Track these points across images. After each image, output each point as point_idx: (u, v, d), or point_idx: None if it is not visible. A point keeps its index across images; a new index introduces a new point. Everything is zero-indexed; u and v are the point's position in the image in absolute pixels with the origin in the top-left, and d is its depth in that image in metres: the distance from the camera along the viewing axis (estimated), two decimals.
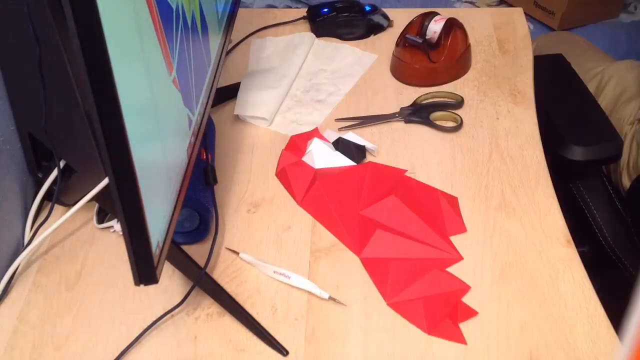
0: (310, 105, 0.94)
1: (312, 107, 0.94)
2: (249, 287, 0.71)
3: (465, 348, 0.64)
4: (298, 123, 0.91)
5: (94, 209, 0.78)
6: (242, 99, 0.93)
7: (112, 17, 0.43)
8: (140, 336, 0.66)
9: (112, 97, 0.44)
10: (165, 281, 0.72)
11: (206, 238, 0.76)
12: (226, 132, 0.90)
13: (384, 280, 0.69)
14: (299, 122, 0.91)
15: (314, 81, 0.98)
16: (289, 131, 0.90)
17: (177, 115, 0.62)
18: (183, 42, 0.63)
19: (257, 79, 0.96)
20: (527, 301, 0.68)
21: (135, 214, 0.50)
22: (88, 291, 0.71)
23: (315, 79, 0.99)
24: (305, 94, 0.96)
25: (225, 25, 0.86)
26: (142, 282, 0.54)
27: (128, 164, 0.47)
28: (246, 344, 0.66)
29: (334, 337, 0.66)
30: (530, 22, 1.53)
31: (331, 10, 1.07)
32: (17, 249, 0.75)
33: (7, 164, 0.74)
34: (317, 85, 0.98)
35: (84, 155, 0.69)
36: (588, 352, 0.63)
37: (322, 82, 0.98)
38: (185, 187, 0.64)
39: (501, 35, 1.06)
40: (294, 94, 0.96)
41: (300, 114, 0.93)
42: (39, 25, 0.61)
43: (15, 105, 0.73)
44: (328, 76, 0.99)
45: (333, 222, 0.76)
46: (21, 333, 0.68)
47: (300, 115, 0.93)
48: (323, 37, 1.07)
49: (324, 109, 0.93)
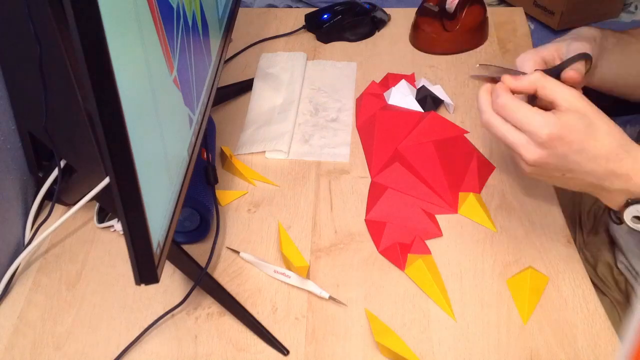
0: (327, 126, 0.90)
1: (330, 128, 0.90)
2: (249, 286, 0.71)
3: (466, 348, 0.64)
4: (329, 147, 0.87)
5: (95, 209, 0.78)
6: (251, 136, 0.89)
7: (113, 17, 0.43)
8: (140, 336, 0.66)
9: (113, 97, 0.44)
10: (166, 281, 0.72)
11: (206, 238, 0.76)
12: (226, 132, 0.90)
13: (379, 235, 0.75)
14: (329, 146, 0.87)
15: (315, 101, 0.94)
16: (322, 157, 0.86)
17: (177, 115, 0.62)
18: (184, 41, 0.63)
19: (261, 112, 0.93)
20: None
21: (136, 213, 0.50)
22: (88, 291, 0.71)
23: (315, 99, 0.95)
24: (314, 116, 0.92)
25: (225, 24, 0.86)
26: (142, 282, 0.54)
27: (129, 163, 0.47)
28: (246, 344, 0.66)
29: (335, 336, 0.66)
30: (530, 22, 1.53)
31: (332, 15, 1.06)
32: (17, 249, 0.75)
33: (8, 164, 0.74)
34: (320, 105, 0.94)
35: (84, 154, 0.69)
36: (588, 352, 0.63)
37: (324, 100, 0.95)
38: (185, 187, 0.64)
39: (502, 35, 1.06)
40: (306, 120, 0.91)
41: (325, 137, 0.88)
42: (40, 25, 0.61)
43: (15, 104, 0.73)
44: (325, 93, 0.96)
45: (369, 149, 0.85)
46: (21, 332, 0.68)
47: (325, 139, 0.88)
48: (329, 42, 1.06)
49: (343, 126, 0.90)
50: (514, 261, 0.71)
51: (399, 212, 0.77)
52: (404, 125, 0.83)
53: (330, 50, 1.05)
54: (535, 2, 2.06)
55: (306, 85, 0.97)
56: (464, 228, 0.75)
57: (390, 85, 0.92)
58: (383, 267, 0.72)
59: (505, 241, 0.74)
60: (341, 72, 1.00)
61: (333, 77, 0.99)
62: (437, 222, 0.76)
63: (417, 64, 1.00)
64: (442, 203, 0.77)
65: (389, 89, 0.91)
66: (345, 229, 0.76)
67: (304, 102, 0.94)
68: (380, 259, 0.73)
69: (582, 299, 0.68)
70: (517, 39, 1.05)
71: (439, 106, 0.91)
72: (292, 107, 0.92)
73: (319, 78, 0.99)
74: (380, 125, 0.85)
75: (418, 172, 0.78)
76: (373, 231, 0.76)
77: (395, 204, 0.77)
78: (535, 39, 1.07)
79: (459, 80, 0.97)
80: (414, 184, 0.78)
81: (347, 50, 1.05)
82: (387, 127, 0.85)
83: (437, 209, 0.77)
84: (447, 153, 0.80)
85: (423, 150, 0.79)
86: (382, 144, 0.83)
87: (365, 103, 0.92)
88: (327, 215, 0.78)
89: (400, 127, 0.83)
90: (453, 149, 0.81)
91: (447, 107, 0.91)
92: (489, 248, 0.73)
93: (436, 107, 0.90)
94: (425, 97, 0.89)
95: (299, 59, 1.01)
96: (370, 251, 0.74)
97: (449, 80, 0.97)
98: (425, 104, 0.89)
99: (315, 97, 0.95)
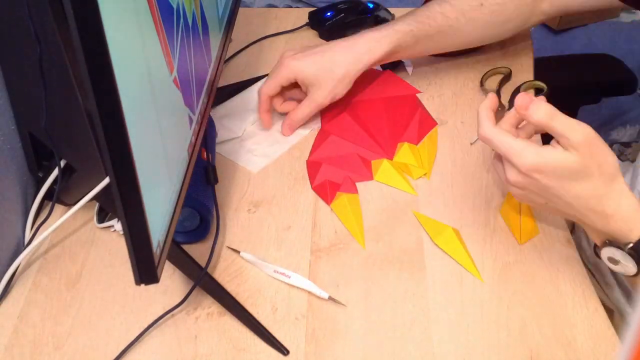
0: (272, 134, 0.88)
1: (272, 136, 0.88)
2: (249, 286, 0.71)
3: (466, 347, 0.64)
4: (253, 153, 0.86)
5: (95, 209, 0.78)
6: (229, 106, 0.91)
7: (113, 16, 0.43)
8: (140, 335, 0.66)
9: (113, 97, 0.44)
10: (166, 281, 0.72)
11: (206, 238, 0.76)
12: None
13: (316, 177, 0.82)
14: (254, 153, 0.86)
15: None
16: (238, 160, 0.85)
17: (177, 115, 0.62)
18: (184, 41, 0.63)
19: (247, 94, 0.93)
20: (527, 301, 0.68)
21: (136, 213, 0.50)
22: (88, 291, 0.71)
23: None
24: (275, 121, 0.90)
25: (225, 24, 0.86)
26: (142, 282, 0.54)
27: (129, 163, 0.47)
28: (246, 344, 0.66)
29: (335, 336, 0.66)
30: None
31: (335, 12, 1.07)
32: (17, 249, 0.75)
33: (8, 164, 0.74)
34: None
35: (84, 154, 0.69)
36: (588, 352, 0.63)
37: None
38: (186, 187, 0.64)
39: None
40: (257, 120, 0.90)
41: (259, 144, 0.87)
42: (40, 24, 0.61)
43: (15, 104, 0.73)
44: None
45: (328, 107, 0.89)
46: (21, 332, 0.68)
47: (258, 145, 0.87)
48: (331, 40, 1.06)
49: (285, 142, 0.87)
50: (514, 261, 0.71)
51: (337, 155, 0.84)
52: (360, 82, 0.87)
53: None
54: None
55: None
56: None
57: None
58: (383, 267, 0.72)
59: (505, 241, 0.74)
60: None
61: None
62: (370, 167, 0.83)
63: (417, 63, 1.00)
64: (379, 150, 0.85)
65: None
66: (345, 229, 0.76)
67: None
68: (380, 259, 0.73)
69: (582, 299, 0.68)
70: (517, 39, 1.05)
71: (397, 67, 0.97)
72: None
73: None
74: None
75: (364, 123, 0.86)
76: (310, 171, 0.83)
77: (335, 148, 0.85)
78: (535, 39, 1.06)
79: (459, 80, 0.97)
80: (357, 132, 0.86)
81: None
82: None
83: (373, 155, 0.84)
84: (394, 108, 0.87)
85: (372, 104, 0.86)
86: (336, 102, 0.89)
87: None
88: (327, 215, 0.78)
89: (357, 83, 0.87)
90: (400, 104, 0.88)
91: (407, 69, 0.98)
92: (489, 248, 0.73)
93: (394, 67, 0.97)
94: None
95: None
96: (370, 251, 0.74)
97: (449, 81, 0.97)
98: (385, 64, 0.94)
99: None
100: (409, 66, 0.98)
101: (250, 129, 0.90)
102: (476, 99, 0.94)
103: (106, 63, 0.42)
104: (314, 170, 0.83)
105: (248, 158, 0.86)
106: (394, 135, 0.86)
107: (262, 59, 1.03)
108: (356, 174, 0.82)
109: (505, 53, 1.02)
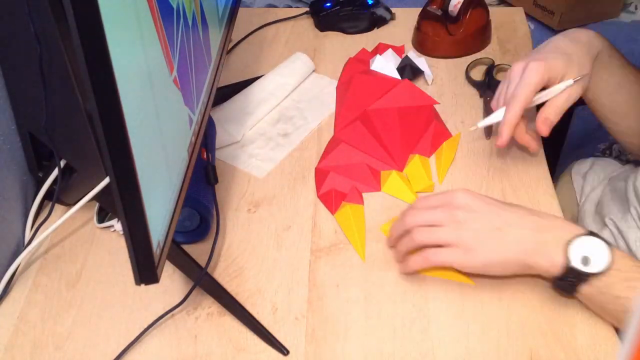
0: (272, 139, 0.89)
1: (274, 141, 0.88)
2: (249, 286, 0.71)
3: (466, 347, 0.64)
4: (257, 158, 0.86)
5: (95, 209, 0.78)
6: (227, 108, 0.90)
7: (113, 16, 0.43)
8: (140, 335, 0.66)
9: (113, 97, 0.44)
10: (166, 281, 0.72)
11: (206, 238, 0.76)
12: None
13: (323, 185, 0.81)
14: (257, 157, 0.86)
15: (283, 113, 0.93)
16: (242, 165, 0.85)
17: (177, 115, 0.62)
18: (184, 41, 0.63)
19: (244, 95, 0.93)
20: (527, 301, 0.68)
21: (136, 213, 0.50)
22: (88, 291, 0.71)
23: (287, 111, 0.93)
24: (272, 126, 0.91)
25: (225, 24, 0.86)
26: (142, 282, 0.54)
27: (129, 163, 0.47)
28: (246, 344, 0.66)
29: (334, 336, 0.66)
30: (530, 22, 1.53)
31: (334, 4, 1.08)
32: (17, 249, 0.75)
33: (8, 164, 0.74)
34: (287, 117, 0.92)
35: (84, 154, 0.69)
36: (588, 352, 0.63)
37: (292, 114, 0.92)
38: (185, 187, 0.64)
39: (501, 35, 1.06)
40: (263, 127, 0.90)
41: (261, 148, 0.87)
42: (40, 24, 0.61)
43: (15, 104, 0.73)
44: (298, 109, 0.93)
45: (339, 108, 0.89)
46: (22, 332, 0.68)
47: (260, 150, 0.87)
48: (326, 31, 1.08)
49: (288, 144, 0.88)
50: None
51: (346, 164, 0.83)
52: (377, 90, 0.86)
53: (331, 43, 1.05)
54: (535, 2, 2.06)
55: (293, 95, 0.96)
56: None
57: (379, 53, 0.96)
58: (383, 267, 0.72)
59: None
60: (330, 90, 0.96)
61: (318, 94, 0.96)
62: (378, 178, 0.82)
63: None
64: (390, 161, 0.83)
65: (375, 56, 0.95)
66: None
67: (278, 109, 0.93)
68: (380, 259, 0.73)
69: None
70: (517, 39, 1.05)
71: (417, 76, 0.96)
72: (265, 107, 0.92)
73: (306, 91, 0.97)
74: (355, 87, 0.89)
75: (377, 132, 0.83)
76: (318, 179, 0.82)
77: (345, 157, 0.83)
78: (535, 39, 1.07)
79: (459, 80, 0.97)
80: (369, 142, 0.84)
81: (345, 44, 1.05)
82: (361, 90, 0.89)
83: (383, 166, 0.83)
84: (409, 118, 0.84)
85: (387, 114, 0.83)
86: (352, 105, 0.88)
87: (349, 67, 0.98)
88: (327, 215, 0.78)
89: (372, 91, 0.86)
90: (416, 116, 0.85)
91: (427, 79, 0.96)
92: None
93: (414, 77, 0.95)
94: (405, 66, 0.94)
95: (305, 67, 0.99)
96: (370, 251, 0.74)
97: (449, 80, 0.97)
98: (403, 73, 0.93)
99: (289, 110, 0.93)
100: (428, 76, 0.96)
101: (250, 133, 0.90)
102: (476, 99, 0.94)
103: (106, 63, 0.42)
104: (321, 178, 0.82)
105: (252, 163, 0.86)
106: (406, 146, 0.84)
107: (262, 59, 1.03)
108: (364, 184, 0.81)
109: (506, 53, 1.02)
